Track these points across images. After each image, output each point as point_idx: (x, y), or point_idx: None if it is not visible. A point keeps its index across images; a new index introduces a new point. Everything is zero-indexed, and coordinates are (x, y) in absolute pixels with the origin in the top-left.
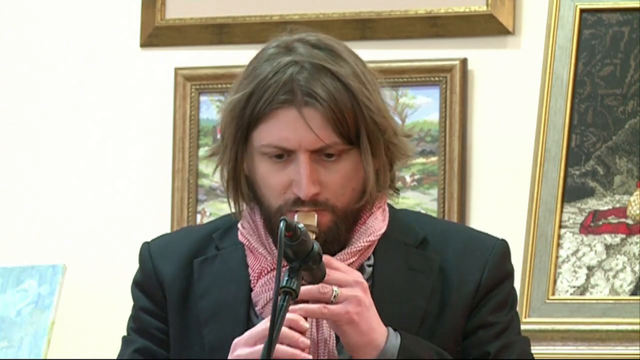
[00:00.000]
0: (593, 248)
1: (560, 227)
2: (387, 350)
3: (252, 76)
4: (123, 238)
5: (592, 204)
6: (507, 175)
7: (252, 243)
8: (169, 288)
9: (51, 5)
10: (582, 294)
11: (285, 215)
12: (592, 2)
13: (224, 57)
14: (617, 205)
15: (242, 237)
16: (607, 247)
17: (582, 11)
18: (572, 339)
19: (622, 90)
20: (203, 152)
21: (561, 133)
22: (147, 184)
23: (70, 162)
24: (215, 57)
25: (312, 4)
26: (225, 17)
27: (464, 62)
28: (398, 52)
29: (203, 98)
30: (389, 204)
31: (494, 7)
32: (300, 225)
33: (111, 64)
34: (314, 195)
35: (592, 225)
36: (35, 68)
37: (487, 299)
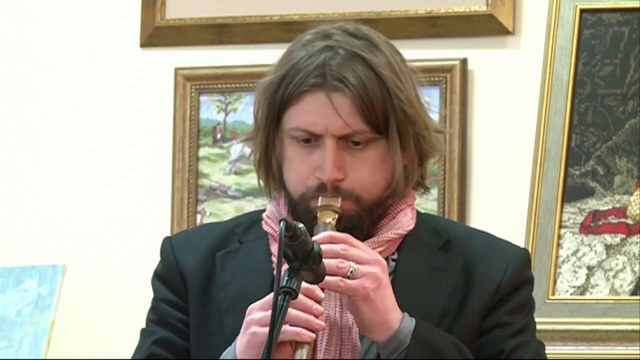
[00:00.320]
0: (593, 248)
1: (560, 227)
2: (400, 332)
3: (287, 59)
4: (123, 238)
5: (592, 204)
6: (507, 175)
7: (276, 231)
8: (191, 279)
9: (51, 5)
10: (582, 294)
11: (309, 201)
12: (592, 2)
13: (224, 57)
14: (617, 205)
15: (266, 226)
16: (607, 247)
17: (582, 11)
18: (572, 339)
19: (622, 90)
20: (203, 152)
21: (561, 133)
22: (147, 184)
23: (70, 162)
24: (215, 57)
25: (312, 4)
26: (225, 17)
27: (464, 62)
28: None
29: (203, 98)
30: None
31: (494, 7)
32: (300, 225)
33: (111, 64)
34: (337, 181)
35: (592, 225)
36: (35, 68)
37: (506, 300)
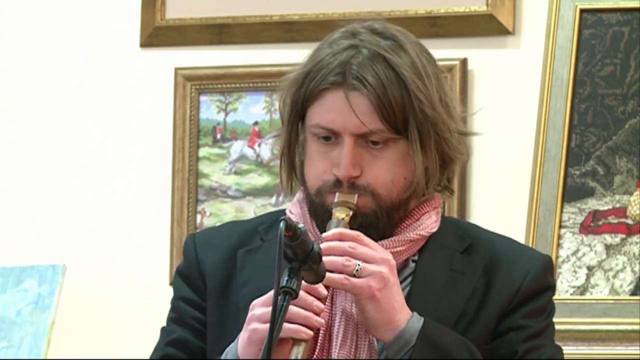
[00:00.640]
0: (593, 248)
1: (560, 227)
2: (405, 332)
3: (313, 56)
4: (123, 238)
5: (592, 204)
6: (507, 175)
7: None
8: (210, 277)
9: (51, 5)
10: (582, 294)
11: (325, 196)
12: (592, 2)
13: (224, 57)
14: (617, 205)
15: None
16: (607, 247)
17: (582, 11)
18: (572, 339)
19: (622, 90)
20: (203, 152)
21: (561, 133)
22: (147, 184)
23: (70, 162)
24: (215, 57)
25: (312, 4)
26: (225, 17)
27: (464, 62)
28: None
29: (203, 98)
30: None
31: (494, 7)
32: (300, 225)
33: (111, 64)
34: (352, 178)
35: (592, 225)
36: (35, 68)
37: (523, 304)
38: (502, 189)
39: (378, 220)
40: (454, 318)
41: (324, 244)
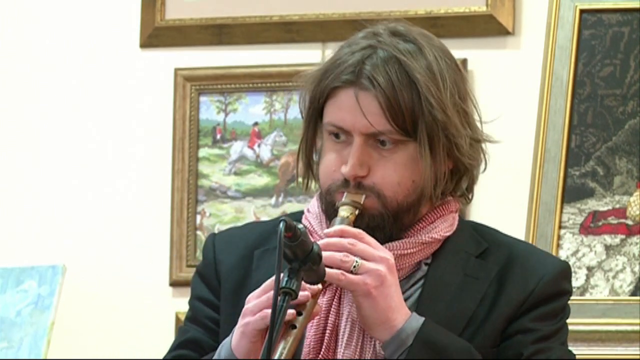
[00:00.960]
0: (593, 249)
1: (560, 227)
2: (402, 331)
3: (333, 55)
4: (123, 238)
5: (592, 204)
6: (507, 175)
7: (313, 226)
8: (226, 277)
9: (51, 5)
10: (582, 294)
11: (334, 195)
12: (592, 3)
13: (224, 57)
14: (617, 206)
15: (305, 220)
16: (607, 248)
17: (582, 11)
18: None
19: (622, 90)
20: (203, 152)
21: (561, 133)
22: (147, 184)
23: (70, 162)
24: (215, 58)
25: (312, 4)
26: (225, 18)
27: (464, 62)
28: None
29: (203, 98)
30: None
31: (494, 7)
32: (300, 225)
33: (111, 64)
34: (358, 177)
35: (592, 225)
36: (35, 68)
37: (534, 307)
38: (502, 189)
39: (384, 222)
40: (463, 321)
41: (324, 240)
